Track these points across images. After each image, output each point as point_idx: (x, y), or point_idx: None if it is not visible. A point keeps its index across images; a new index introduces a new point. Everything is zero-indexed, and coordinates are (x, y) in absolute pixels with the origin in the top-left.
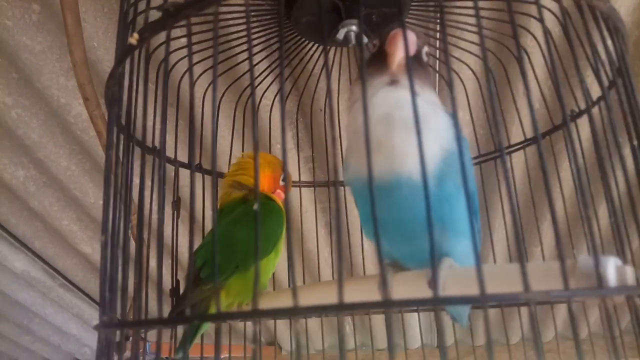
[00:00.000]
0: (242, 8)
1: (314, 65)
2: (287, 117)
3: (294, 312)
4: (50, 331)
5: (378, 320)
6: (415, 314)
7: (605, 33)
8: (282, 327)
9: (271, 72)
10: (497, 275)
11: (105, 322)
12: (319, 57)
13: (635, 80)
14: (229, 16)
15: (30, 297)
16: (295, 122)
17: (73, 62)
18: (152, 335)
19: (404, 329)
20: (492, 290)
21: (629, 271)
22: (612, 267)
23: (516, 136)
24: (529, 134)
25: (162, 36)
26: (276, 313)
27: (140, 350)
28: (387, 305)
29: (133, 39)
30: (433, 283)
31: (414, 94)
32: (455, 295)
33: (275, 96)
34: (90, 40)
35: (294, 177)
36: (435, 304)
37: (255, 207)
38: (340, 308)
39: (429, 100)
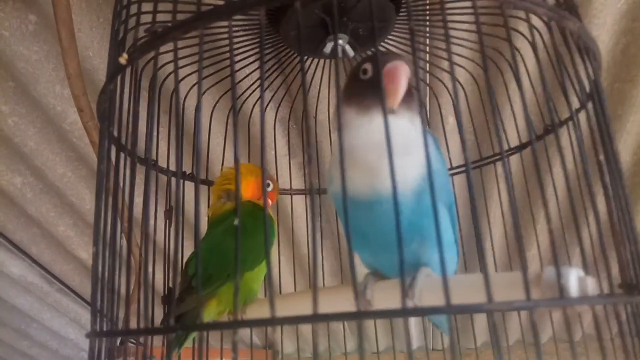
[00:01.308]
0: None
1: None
2: (280, 123)
3: (270, 323)
4: (48, 336)
5: (372, 324)
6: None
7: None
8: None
9: (263, 80)
10: (468, 285)
11: (96, 331)
12: (309, 66)
13: (625, 87)
14: (216, 31)
15: (28, 302)
16: (287, 129)
17: (68, 74)
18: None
19: (392, 332)
20: (460, 300)
21: (590, 282)
22: (574, 278)
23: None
24: (516, 140)
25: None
26: (254, 323)
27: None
28: (359, 317)
29: (123, 59)
30: (404, 294)
31: (387, 125)
32: (422, 306)
33: (268, 104)
34: (85, 50)
35: (287, 183)
36: (404, 315)
37: (236, 222)
38: (315, 319)
39: (417, 124)
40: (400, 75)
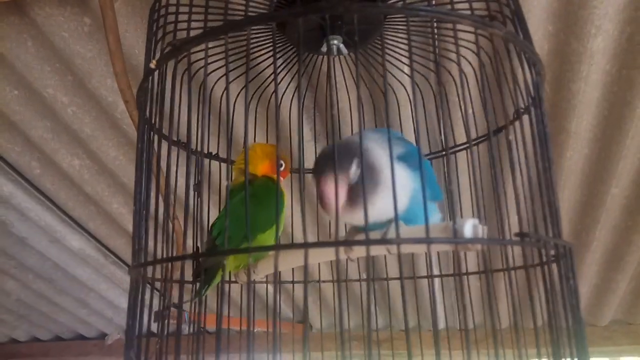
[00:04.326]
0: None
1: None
2: (305, 111)
3: (248, 251)
4: (104, 305)
5: (398, 302)
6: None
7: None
8: (312, 305)
9: (286, 74)
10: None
11: (135, 264)
12: (324, 59)
13: (632, 73)
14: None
15: (86, 273)
16: (312, 116)
17: (115, 72)
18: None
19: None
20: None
21: (480, 228)
22: (469, 225)
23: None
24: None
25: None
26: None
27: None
28: (305, 246)
29: (152, 64)
30: (367, 233)
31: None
32: (351, 239)
33: (294, 95)
34: (132, 49)
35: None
36: (337, 245)
37: (226, 184)
38: (277, 248)
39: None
40: (325, 195)
